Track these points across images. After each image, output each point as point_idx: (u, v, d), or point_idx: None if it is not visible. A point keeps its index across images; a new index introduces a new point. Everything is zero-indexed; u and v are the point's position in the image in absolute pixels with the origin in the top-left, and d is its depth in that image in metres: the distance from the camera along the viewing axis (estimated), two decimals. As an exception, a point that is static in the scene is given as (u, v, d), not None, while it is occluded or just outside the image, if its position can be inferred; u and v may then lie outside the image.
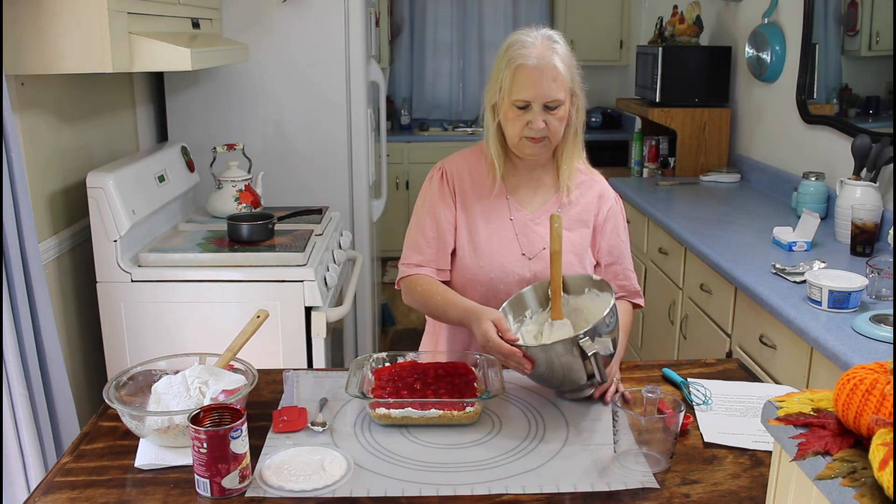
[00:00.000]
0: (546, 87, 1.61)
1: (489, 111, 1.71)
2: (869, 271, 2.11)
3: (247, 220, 2.53)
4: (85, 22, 2.02)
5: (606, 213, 1.78)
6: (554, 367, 1.45)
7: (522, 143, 1.67)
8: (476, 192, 1.76)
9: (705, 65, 3.84)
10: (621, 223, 1.80)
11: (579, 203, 1.76)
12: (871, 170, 2.59)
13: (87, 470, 1.32)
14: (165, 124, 3.24)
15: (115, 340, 2.39)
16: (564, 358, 1.42)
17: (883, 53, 2.72)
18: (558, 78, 1.62)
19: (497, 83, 1.66)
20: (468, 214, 1.75)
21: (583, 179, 1.79)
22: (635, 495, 1.24)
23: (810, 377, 1.97)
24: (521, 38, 1.65)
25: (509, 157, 1.76)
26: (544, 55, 1.61)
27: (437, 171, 1.80)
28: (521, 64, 1.61)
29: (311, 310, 2.36)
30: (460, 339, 1.80)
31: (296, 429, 1.43)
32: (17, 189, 1.89)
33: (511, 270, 1.71)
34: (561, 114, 1.65)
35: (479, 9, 5.98)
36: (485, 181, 1.76)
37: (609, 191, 1.81)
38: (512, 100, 1.62)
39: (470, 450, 1.37)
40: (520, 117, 1.63)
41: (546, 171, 1.77)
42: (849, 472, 0.84)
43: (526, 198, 1.76)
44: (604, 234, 1.77)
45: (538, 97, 1.61)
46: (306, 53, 3.13)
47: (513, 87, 1.62)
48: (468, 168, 1.78)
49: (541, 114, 1.62)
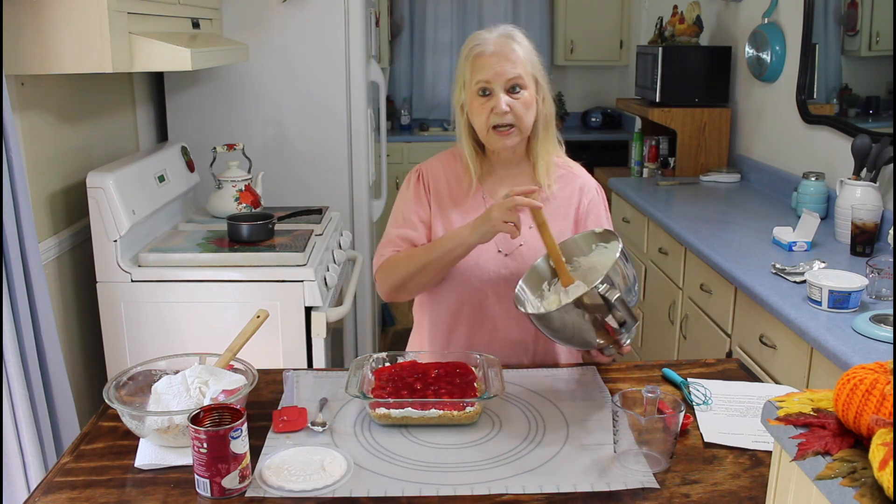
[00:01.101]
0: (505, 66, 1.63)
1: (458, 112, 1.73)
2: (869, 271, 2.11)
3: (247, 220, 2.53)
4: (85, 22, 2.02)
5: (588, 205, 1.79)
6: (582, 326, 1.44)
7: (491, 135, 1.68)
8: (452, 193, 1.77)
9: (705, 65, 3.85)
10: (604, 213, 1.81)
11: (559, 197, 1.77)
12: (871, 170, 2.59)
13: (87, 470, 1.32)
14: (165, 124, 3.24)
15: (115, 340, 2.39)
16: (591, 313, 1.42)
17: (883, 53, 2.72)
18: (517, 60, 1.65)
19: (460, 81, 1.69)
20: (444, 215, 1.76)
21: (562, 173, 1.79)
22: (635, 495, 1.24)
23: (810, 377, 1.97)
24: (480, 34, 1.69)
25: (486, 158, 1.77)
26: (501, 41, 1.66)
27: (413, 173, 1.81)
28: (480, 52, 1.65)
29: (311, 310, 2.36)
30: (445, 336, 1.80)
31: (296, 429, 1.43)
32: (17, 189, 1.89)
33: (487, 268, 1.72)
34: (525, 97, 1.66)
35: (479, 9, 5.98)
36: (461, 183, 1.77)
37: (590, 182, 1.82)
38: (474, 86, 1.65)
39: (470, 450, 1.37)
40: (484, 105, 1.65)
41: (522, 169, 1.78)
42: (849, 472, 0.84)
43: (502, 194, 1.77)
44: (587, 225, 1.78)
45: (497, 76, 1.63)
46: (306, 53, 3.13)
47: (472, 75, 1.65)
48: (444, 171, 1.79)
49: (503, 97, 1.64)
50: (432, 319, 1.81)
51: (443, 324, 1.79)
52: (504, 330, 1.75)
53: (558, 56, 5.83)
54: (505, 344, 1.75)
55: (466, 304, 1.74)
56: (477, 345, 1.76)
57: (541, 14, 5.94)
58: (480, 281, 1.72)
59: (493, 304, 1.73)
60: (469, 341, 1.77)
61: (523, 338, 1.76)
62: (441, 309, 1.78)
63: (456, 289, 1.74)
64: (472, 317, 1.75)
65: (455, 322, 1.77)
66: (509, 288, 1.67)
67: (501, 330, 1.75)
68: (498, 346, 1.75)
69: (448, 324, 1.78)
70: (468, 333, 1.77)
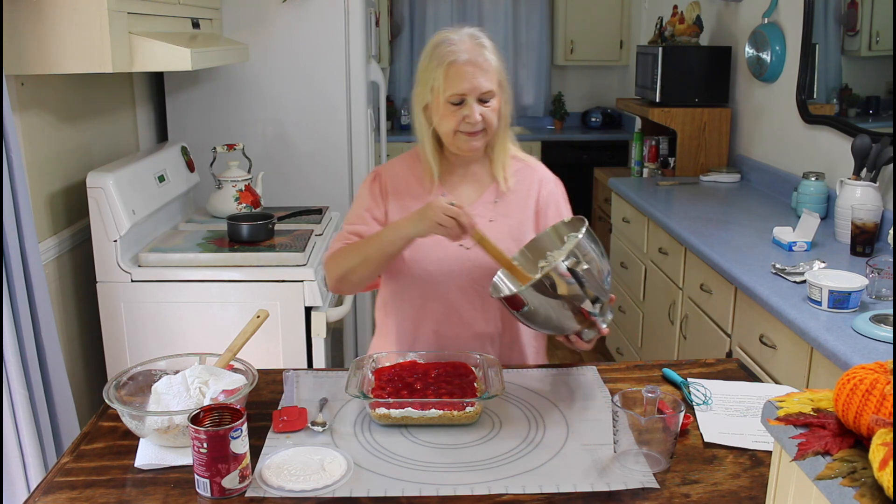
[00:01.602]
0: (479, 79, 1.63)
1: (420, 114, 1.71)
2: (869, 271, 2.11)
3: (247, 220, 2.53)
4: (85, 22, 2.02)
5: (547, 196, 1.80)
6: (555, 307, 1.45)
7: (459, 138, 1.68)
8: (412, 192, 1.77)
9: (705, 65, 3.84)
10: (563, 204, 1.84)
11: (518, 190, 1.79)
12: (871, 170, 2.59)
13: (87, 470, 1.32)
14: (165, 124, 3.24)
15: (115, 340, 2.39)
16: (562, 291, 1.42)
17: (883, 53, 2.72)
18: (490, 70, 1.65)
19: (427, 84, 1.67)
20: (402, 213, 1.75)
21: (519, 167, 1.81)
22: (635, 495, 1.24)
23: (810, 377, 1.97)
24: (448, 36, 1.67)
25: (444, 157, 1.77)
26: (473, 49, 1.64)
27: (371, 175, 1.82)
28: (453, 60, 1.63)
29: (311, 310, 2.36)
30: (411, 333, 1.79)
31: (296, 429, 1.43)
32: (17, 189, 1.90)
33: (449, 262, 1.72)
34: (494, 105, 1.67)
35: (479, 9, 5.98)
36: (422, 181, 1.77)
37: (548, 175, 1.85)
38: (447, 96, 1.64)
39: (470, 450, 1.37)
40: (455, 113, 1.65)
41: (481, 165, 1.79)
42: (849, 472, 0.84)
43: (462, 191, 1.78)
44: (547, 217, 1.79)
45: (473, 90, 1.63)
46: (306, 53, 3.13)
47: (446, 84, 1.63)
48: (403, 172, 1.80)
49: (476, 107, 1.64)
50: (398, 318, 1.80)
51: (408, 322, 1.79)
52: (470, 323, 1.75)
53: (558, 56, 5.83)
54: (472, 337, 1.76)
55: (431, 300, 1.75)
56: (444, 340, 1.76)
57: (541, 14, 5.94)
58: (444, 275, 1.72)
59: (457, 297, 1.74)
60: (435, 337, 1.77)
61: (489, 331, 1.77)
62: (406, 307, 1.78)
63: (420, 285, 1.74)
64: (438, 312, 1.75)
65: (421, 318, 1.77)
66: (472, 281, 1.70)
67: (467, 323, 1.75)
68: (465, 340, 1.75)
69: (414, 321, 1.78)
70: (434, 328, 1.77)
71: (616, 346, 3.87)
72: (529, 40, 5.99)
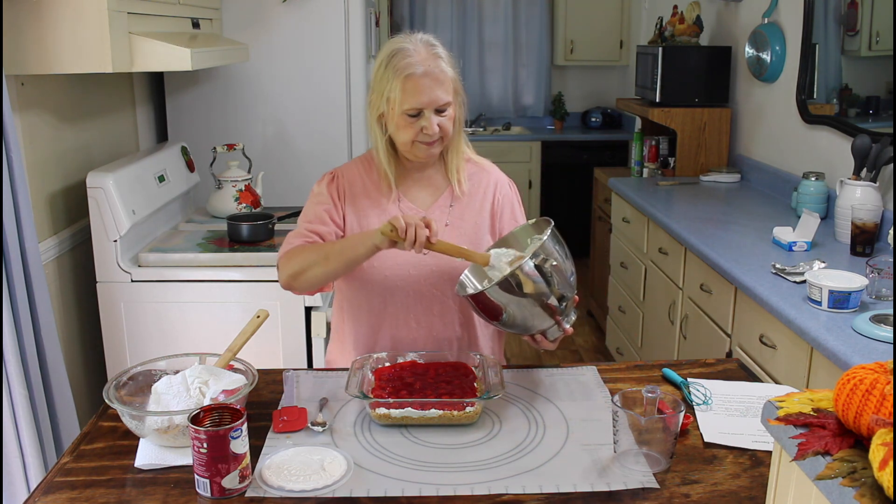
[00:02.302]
0: (437, 93, 1.62)
1: (375, 123, 1.70)
2: (869, 271, 2.11)
3: (247, 220, 2.53)
4: (85, 22, 2.02)
5: (502, 199, 1.81)
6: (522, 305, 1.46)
7: (416, 147, 1.68)
8: (368, 196, 1.77)
9: (705, 65, 3.84)
10: (518, 207, 1.85)
11: (473, 194, 1.79)
12: (871, 170, 2.59)
13: (87, 470, 1.32)
14: (165, 124, 3.24)
15: (115, 340, 2.39)
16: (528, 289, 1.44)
17: (883, 53, 2.72)
18: (446, 81, 1.64)
19: (383, 94, 1.65)
20: (359, 217, 1.75)
21: (473, 171, 1.82)
22: (635, 495, 1.24)
23: (810, 377, 1.97)
24: (403, 45, 1.64)
25: (399, 162, 1.77)
26: (429, 61, 1.62)
27: (327, 175, 1.81)
28: (410, 73, 1.61)
29: (311, 310, 2.36)
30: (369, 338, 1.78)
31: (296, 429, 1.43)
32: (17, 189, 1.90)
33: (406, 266, 1.71)
34: (450, 114, 1.67)
35: (479, 9, 5.98)
36: (378, 187, 1.77)
37: (502, 178, 1.85)
38: (404, 109, 1.63)
39: (470, 450, 1.37)
40: (412, 125, 1.64)
41: (436, 170, 1.80)
42: (849, 472, 0.84)
43: (418, 196, 1.78)
44: (503, 219, 1.80)
45: (430, 103, 1.62)
46: (306, 53, 3.13)
47: (403, 97, 1.62)
48: (359, 175, 1.79)
49: (434, 118, 1.64)
50: (355, 323, 1.79)
51: (366, 326, 1.78)
52: (427, 327, 1.75)
53: (558, 56, 5.83)
54: (429, 341, 1.76)
55: (389, 305, 1.74)
56: (402, 343, 1.75)
57: (541, 14, 5.94)
58: (401, 279, 1.72)
59: (414, 302, 1.73)
60: (393, 341, 1.76)
61: (447, 335, 1.77)
62: (363, 312, 1.77)
63: (376, 289, 1.73)
64: (395, 316, 1.75)
65: (379, 323, 1.76)
66: (429, 285, 1.71)
67: (424, 327, 1.75)
68: (422, 344, 1.75)
69: (372, 325, 1.77)
70: (392, 333, 1.76)
71: (616, 346, 3.87)
72: (529, 40, 5.99)
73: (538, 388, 1.60)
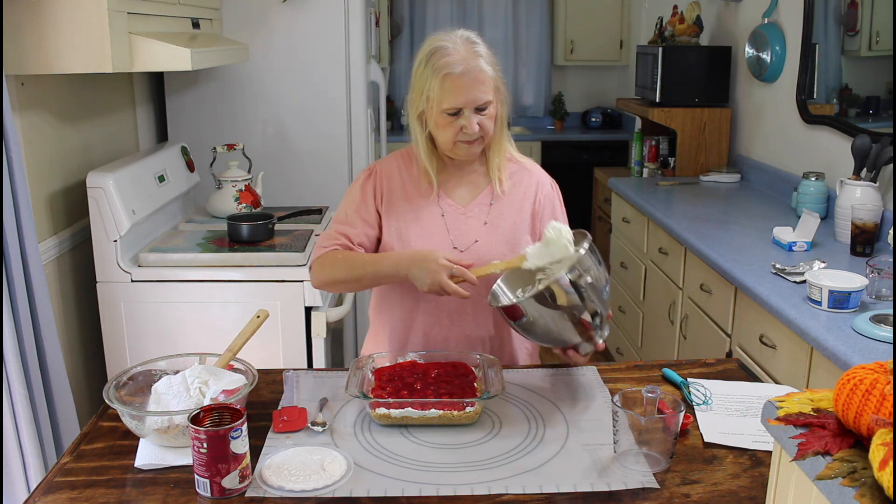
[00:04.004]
0: (476, 92, 1.62)
1: (415, 120, 1.71)
2: (869, 271, 2.11)
3: (247, 220, 2.53)
4: (85, 22, 2.02)
5: (543, 200, 1.80)
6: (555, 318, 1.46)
7: (457, 146, 1.68)
8: (406, 192, 1.77)
9: (705, 65, 3.84)
10: (559, 207, 1.83)
11: (513, 192, 1.78)
12: (871, 170, 2.59)
13: (87, 470, 1.32)
14: (165, 124, 3.24)
15: (115, 340, 2.39)
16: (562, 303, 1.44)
17: (883, 53, 2.72)
18: (486, 80, 1.63)
19: (422, 93, 1.65)
20: (398, 213, 1.75)
21: (515, 169, 1.81)
22: (635, 495, 1.24)
23: (810, 377, 1.97)
24: (442, 44, 1.64)
25: (440, 159, 1.77)
26: (469, 60, 1.62)
27: (365, 171, 1.81)
28: (449, 73, 1.60)
29: (311, 310, 2.36)
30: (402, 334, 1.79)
31: (296, 429, 1.43)
32: (17, 189, 1.90)
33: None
34: (491, 112, 1.66)
35: (479, 9, 5.98)
36: (417, 182, 1.77)
37: (544, 177, 1.84)
38: (443, 108, 1.63)
39: (470, 450, 1.37)
40: (452, 124, 1.64)
41: (476, 167, 1.79)
42: (849, 472, 0.84)
43: (458, 193, 1.78)
44: (543, 220, 1.78)
45: (470, 103, 1.62)
46: (306, 53, 3.13)
47: (442, 96, 1.62)
48: (399, 170, 1.79)
49: (473, 117, 1.63)
50: (390, 319, 1.81)
51: (400, 322, 1.79)
52: (460, 326, 1.76)
53: (558, 56, 5.83)
54: (461, 340, 1.76)
55: (422, 302, 1.75)
56: (434, 342, 1.76)
57: (541, 14, 5.94)
58: None
59: (447, 300, 1.73)
60: (426, 338, 1.77)
61: (480, 334, 1.77)
62: (397, 309, 1.79)
63: (411, 288, 1.73)
64: (428, 314, 1.75)
65: (412, 320, 1.77)
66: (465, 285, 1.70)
67: (457, 326, 1.76)
68: (455, 343, 1.75)
69: (405, 322, 1.78)
70: (424, 331, 1.77)
71: (616, 346, 3.87)
72: (529, 40, 5.99)
73: (538, 388, 1.60)
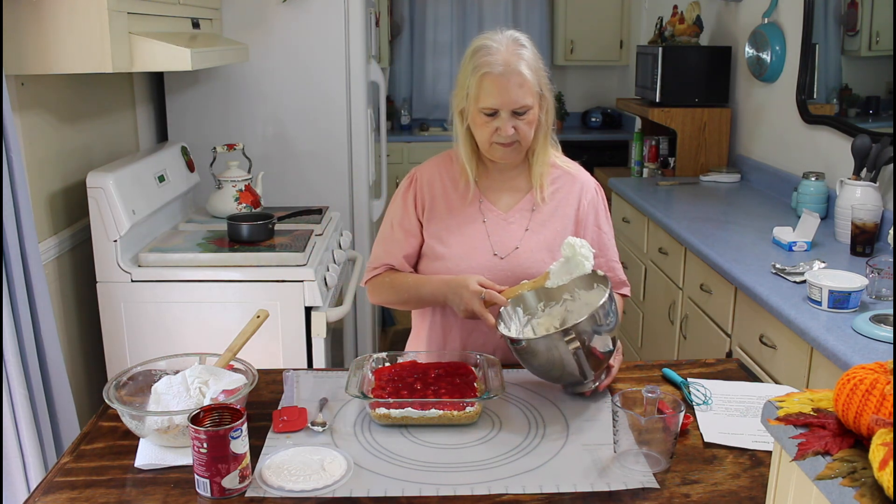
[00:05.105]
0: (513, 95, 1.60)
1: (457, 116, 1.71)
2: (869, 271, 2.11)
3: (247, 220, 2.53)
4: (85, 22, 2.02)
5: (587, 206, 1.79)
6: (552, 360, 1.46)
7: (493, 148, 1.68)
8: (447, 196, 1.77)
9: (705, 65, 3.84)
10: (603, 214, 1.82)
11: (556, 198, 1.77)
12: (871, 170, 2.59)
13: (87, 470, 1.32)
14: (165, 124, 3.24)
15: (115, 340, 2.39)
16: (556, 351, 1.44)
17: (883, 53, 2.72)
18: (525, 84, 1.61)
19: (464, 89, 1.65)
20: (439, 219, 1.76)
21: (559, 174, 1.79)
22: (635, 495, 1.24)
23: (810, 377, 1.97)
24: (487, 43, 1.63)
25: (481, 160, 1.76)
26: (510, 61, 1.60)
27: (406, 179, 1.81)
28: (487, 72, 1.60)
29: (311, 310, 2.36)
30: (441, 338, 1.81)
31: (296, 429, 1.43)
32: (17, 189, 1.90)
33: (482, 271, 1.71)
34: (530, 118, 1.65)
35: (479, 9, 5.98)
36: (457, 185, 1.77)
37: (589, 182, 1.82)
38: (479, 107, 1.62)
39: (470, 450, 1.37)
40: (488, 124, 1.64)
41: (519, 172, 1.78)
42: (849, 472, 0.84)
43: (498, 198, 1.77)
44: (586, 227, 1.78)
45: (505, 104, 1.61)
46: (306, 53, 3.13)
47: (479, 94, 1.61)
48: (440, 174, 1.79)
49: (509, 120, 1.62)
50: (431, 322, 1.82)
51: (438, 326, 1.80)
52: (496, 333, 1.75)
53: (558, 56, 5.83)
54: (499, 346, 1.76)
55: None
56: (472, 346, 1.77)
57: (541, 14, 5.94)
58: None
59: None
60: (464, 343, 1.78)
61: None
62: (437, 312, 1.80)
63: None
64: (467, 321, 1.75)
65: (450, 324, 1.79)
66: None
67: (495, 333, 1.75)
68: (492, 348, 1.76)
69: (444, 326, 1.80)
70: (463, 335, 1.78)
71: (616, 346, 3.87)
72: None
73: (538, 388, 1.60)
